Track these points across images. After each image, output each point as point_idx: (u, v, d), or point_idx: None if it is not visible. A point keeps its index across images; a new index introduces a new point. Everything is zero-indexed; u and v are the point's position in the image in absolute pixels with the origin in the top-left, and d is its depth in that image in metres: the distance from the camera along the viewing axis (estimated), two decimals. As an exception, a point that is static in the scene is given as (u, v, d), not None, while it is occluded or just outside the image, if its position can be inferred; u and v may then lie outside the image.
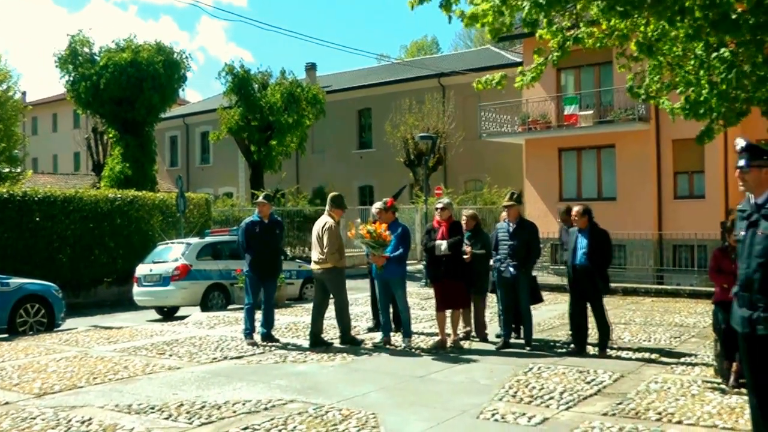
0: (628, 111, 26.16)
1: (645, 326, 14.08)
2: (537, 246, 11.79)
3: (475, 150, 36.70)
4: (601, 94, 27.85)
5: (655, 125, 26.04)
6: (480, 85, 10.75)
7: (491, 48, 43.75)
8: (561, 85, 28.97)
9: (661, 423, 7.46)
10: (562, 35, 10.34)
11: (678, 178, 26.54)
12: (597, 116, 27.36)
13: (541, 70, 10.71)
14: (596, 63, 26.35)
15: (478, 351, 11.58)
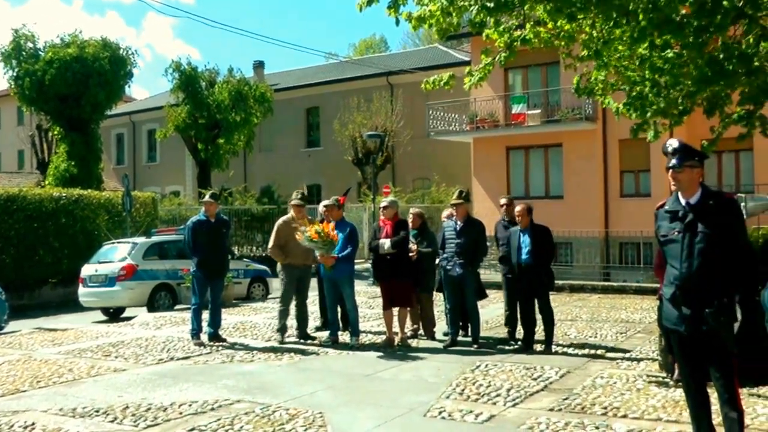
0: (576, 111, 26.44)
1: (591, 322, 14.24)
2: (484, 244, 11.85)
3: (423, 148, 36.79)
4: (548, 93, 28.11)
5: (602, 125, 26.34)
6: (428, 86, 10.78)
7: (439, 47, 43.88)
8: (509, 85, 29.20)
9: (606, 417, 7.55)
10: (509, 35, 10.41)
11: (624, 177, 26.88)
12: (544, 115, 27.62)
13: (488, 71, 10.76)
14: (544, 63, 26.59)
15: (425, 349, 11.62)
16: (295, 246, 12.18)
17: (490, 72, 10.82)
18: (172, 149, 46.85)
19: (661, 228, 5.79)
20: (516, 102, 27.99)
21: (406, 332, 12.17)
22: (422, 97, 30.12)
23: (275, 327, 12.78)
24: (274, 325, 12.94)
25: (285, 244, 12.40)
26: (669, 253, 5.70)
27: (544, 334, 11.30)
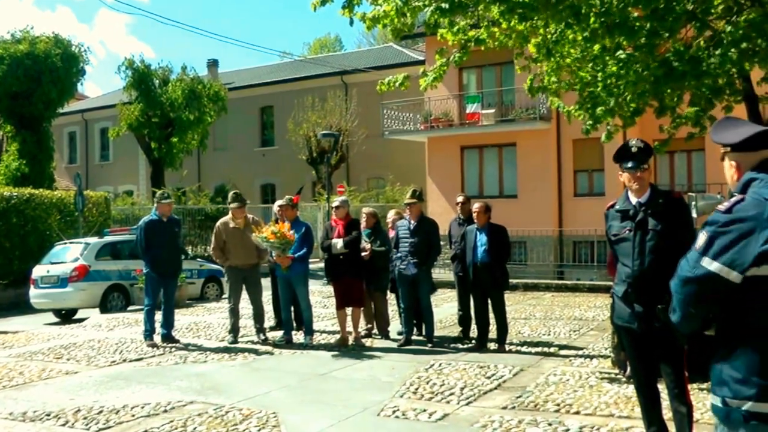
0: (530, 110, 26.62)
1: (545, 320, 14.36)
2: (437, 243, 11.90)
3: (377, 148, 36.80)
4: (502, 93, 28.25)
5: (556, 125, 26.51)
6: (383, 87, 10.83)
7: (394, 46, 43.91)
8: (463, 84, 29.29)
9: (559, 414, 7.62)
10: (463, 36, 10.47)
11: (578, 176, 27.11)
12: (499, 115, 27.76)
13: (443, 71, 10.82)
14: (498, 62, 26.68)
15: (379, 348, 11.64)
16: (236, 247, 12.17)
17: (445, 72, 10.89)
18: (125, 148, 46.34)
19: (612, 227, 5.86)
20: (470, 101, 28.10)
21: (360, 331, 12.19)
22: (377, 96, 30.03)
23: (228, 328, 12.70)
24: (227, 325, 12.87)
25: (225, 246, 12.34)
26: (620, 251, 5.78)
27: (497, 332, 11.38)
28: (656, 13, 8.52)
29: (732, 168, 3.56)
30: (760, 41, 8.42)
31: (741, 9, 9.12)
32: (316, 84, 41.34)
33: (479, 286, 11.29)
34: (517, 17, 9.31)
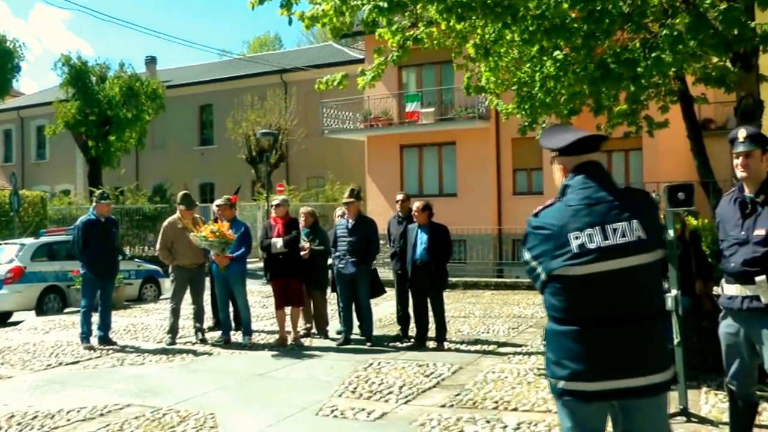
0: (469, 109, 26.74)
1: (484, 318, 14.46)
2: (376, 242, 11.91)
3: (317, 146, 36.72)
4: (442, 92, 28.36)
5: (495, 124, 26.67)
6: (322, 86, 10.79)
7: (333, 45, 43.83)
8: (403, 83, 29.35)
9: (497, 411, 7.69)
10: (401, 35, 10.48)
11: (517, 175, 27.30)
12: (438, 114, 27.86)
13: (381, 70, 10.82)
14: (438, 61, 26.74)
15: (318, 348, 11.63)
16: (183, 247, 12.04)
17: (383, 71, 10.89)
18: (61, 146, 45.57)
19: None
20: (410, 100, 28.16)
21: (299, 331, 12.18)
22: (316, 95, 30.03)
23: (166, 328, 12.57)
24: (166, 326, 12.74)
25: (172, 246, 12.23)
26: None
27: (436, 331, 11.43)
28: (592, 15, 8.62)
29: (558, 171, 3.96)
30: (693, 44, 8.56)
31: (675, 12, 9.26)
32: (256, 82, 41.09)
33: (418, 285, 11.34)
34: (455, 17, 9.34)
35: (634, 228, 3.65)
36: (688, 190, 7.29)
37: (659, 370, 3.65)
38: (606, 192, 3.74)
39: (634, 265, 3.63)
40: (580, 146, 3.87)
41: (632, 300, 3.66)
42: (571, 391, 3.67)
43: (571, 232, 3.67)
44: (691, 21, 8.34)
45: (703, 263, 9.58)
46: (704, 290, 9.37)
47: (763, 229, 5.19)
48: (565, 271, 3.66)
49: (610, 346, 3.62)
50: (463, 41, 11.09)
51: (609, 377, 3.61)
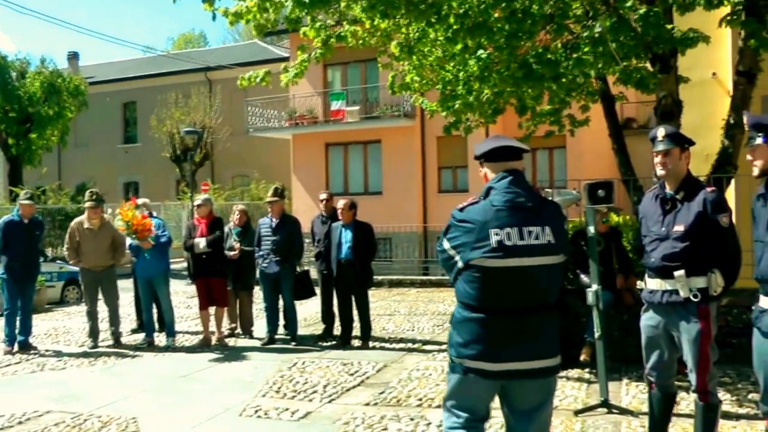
0: (394, 108, 26.75)
1: (409, 316, 14.50)
2: (300, 241, 11.88)
3: (242, 145, 36.48)
4: (367, 90, 28.32)
5: (421, 122, 26.72)
6: (244, 82, 10.69)
7: (258, 43, 43.54)
8: (328, 81, 29.25)
9: (421, 408, 7.73)
10: (325, 33, 10.44)
11: (442, 173, 27.39)
12: (363, 112, 27.82)
13: (304, 67, 10.76)
14: (363, 60, 26.69)
15: (243, 348, 11.53)
16: (89, 248, 11.74)
17: (306, 69, 10.83)
18: (-21, 145, 44.48)
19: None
20: (335, 98, 28.08)
21: (224, 331, 12.06)
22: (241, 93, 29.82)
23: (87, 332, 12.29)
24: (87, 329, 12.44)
25: (79, 247, 11.88)
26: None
27: (361, 329, 11.44)
28: (515, 15, 8.67)
29: (485, 175, 4.53)
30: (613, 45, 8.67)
31: (596, 14, 9.38)
32: (180, 80, 40.65)
33: (343, 284, 11.34)
34: (378, 15, 9.33)
35: (546, 233, 4.19)
36: (607, 187, 7.42)
37: (547, 356, 4.23)
38: (525, 198, 4.25)
39: (541, 264, 4.17)
40: (502, 154, 4.42)
41: (534, 295, 4.22)
42: (475, 369, 4.22)
43: (492, 228, 4.17)
44: (612, 23, 8.45)
45: (624, 258, 9.76)
46: (625, 285, 9.53)
47: (682, 225, 5.33)
48: (481, 263, 4.17)
49: (510, 333, 4.17)
50: (388, 40, 11.09)
51: (507, 360, 4.17)
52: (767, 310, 4.63)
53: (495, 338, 4.18)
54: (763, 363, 4.68)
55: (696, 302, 5.27)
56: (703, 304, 5.27)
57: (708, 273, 5.26)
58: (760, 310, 4.69)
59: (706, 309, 5.28)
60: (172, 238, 12.19)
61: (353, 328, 11.56)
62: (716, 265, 5.26)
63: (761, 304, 4.69)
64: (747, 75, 10.16)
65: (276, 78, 10.86)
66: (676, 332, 5.41)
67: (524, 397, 4.31)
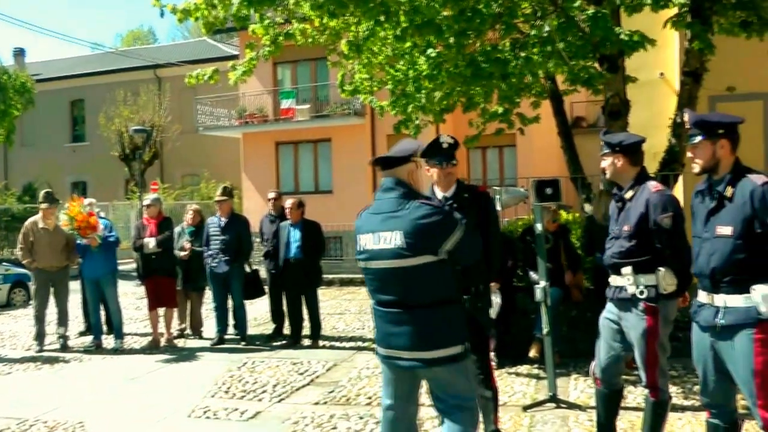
0: (344, 106, 26.67)
1: (360, 315, 14.50)
2: (248, 240, 11.83)
3: (192, 144, 36.18)
4: (317, 88, 28.22)
5: (371, 120, 26.66)
6: (192, 80, 10.60)
7: (208, 40, 43.14)
8: (278, 80, 29.09)
9: (371, 407, 7.74)
10: (274, 30, 10.38)
11: (393, 172, 27.38)
12: (314, 110, 27.71)
13: (253, 65, 10.70)
14: (313, 58, 26.55)
15: (193, 349, 11.44)
16: (44, 249, 11.58)
17: (255, 67, 10.77)
18: None
19: None
20: (285, 97, 27.92)
21: (173, 332, 11.95)
22: (191, 91, 29.60)
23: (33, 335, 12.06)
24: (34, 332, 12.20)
25: (33, 247, 11.71)
26: None
27: (311, 328, 11.42)
28: (463, 13, 8.70)
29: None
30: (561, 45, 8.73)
31: (545, 14, 9.44)
32: (129, 77, 40.16)
33: (292, 283, 11.31)
34: (327, 14, 9.31)
35: (396, 238, 4.49)
36: (554, 185, 7.49)
37: (427, 348, 4.52)
38: (386, 205, 4.61)
39: (396, 267, 4.52)
40: (379, 163, 4.79)
41: (402, 292, 4.57)
42: (379, 354, 4.77)
43: (360, 233, 4.70)
44: (560, 23, 8.52)
45: (573, 255, 9.86)
46: (573, 281, 9.61)
47: (628, 225, 5.44)
48: (360, 264, 4.74)
49: (388, 324, 4.64)
50: (337, 38, 11.07)
51: (387, 347, 4.65)
52: (705, 305, 4.72)
53: (382, 326, 4.70)
54: (702, 356, 4.79)
55: (642, 299, 5.35)
56: (651, 302, 5.35)
57: (656, 271, 5.35)
58: (698, 304, 4.80)
59: (653, 307, 5.35)
60: (120, 238, 12.02)
61: (303, 327, 11.53)
62: (665, 263, 5.35)
63: (699, 299, 4.79)
64: (693, 75, 10.34)
65: (226, 76, 10.78)
66: (626, 328, 5.50)
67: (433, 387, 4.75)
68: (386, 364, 4.75)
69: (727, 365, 4.63)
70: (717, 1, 9.52)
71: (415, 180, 4.77)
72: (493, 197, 7.47)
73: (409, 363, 4.59)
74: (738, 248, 4.51)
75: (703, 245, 4.70)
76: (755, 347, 4.44)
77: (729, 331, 4.55)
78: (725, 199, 4.62)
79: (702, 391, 4.89)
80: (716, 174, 4.71)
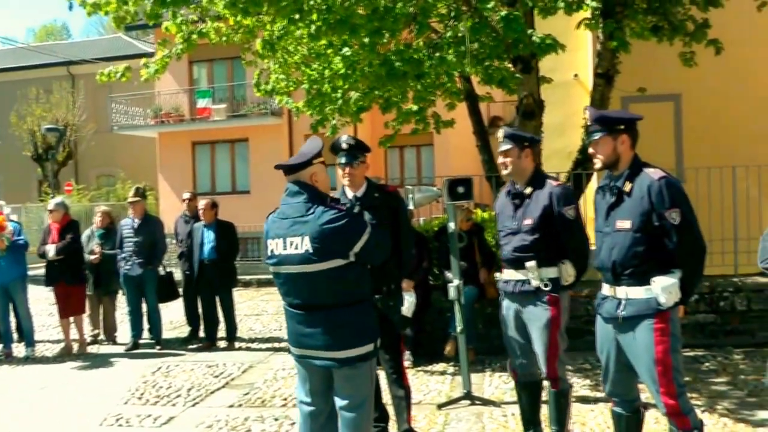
0: (261, 105, 26.48)
1: (277, 315, 14.41)
2: (162, 242, 11.65)
3: (107, 143, 35.51)
4: (234, 88, 27.99)
5: (288, 120, 26.54)
6: (104, 77, 10.38)
7: (123, 37, 42.34)
8: (194, 78, 28.76)
9: (286, 408, 7.72)
10: (187, 28, 10.24)
11: (310, 171, 27.30)
12: (230, 110, 27.48)
13: (166, 63, 10.53)
14: (229, 57, 26.29)
15: (106, 355, 11.19)
16: None
17: (168, 65, 10.60)
18: None
19: None
20: (201, 96, 27.62)
21: (86, 338, 11.68)
22: (106, 89, 29.02)
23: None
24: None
25: None
26: None
27: (226, 330, 11.33)
28: (377, 12, 8.70)
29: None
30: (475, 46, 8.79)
31: (459, 14, 9.50)
32: (41, 74, 39.16)
33: (207, 284, 11.20)
34: (240, 12, 9.21)
35: (304, 243, 4.55)
36: (466, 183, 7.55)
37: (340, 348, 4.62)
38: (293, 210, 4.67)
39: (305, 271, 4.59)
40: (282, 169, 4.88)
41: (313, 295, 4.65)
42: (292, 353, 4.89)
43: (269, 238, 4.76)
44: (473, 24, 8.57)
45: (488, 253, 9.95)
46: (488, 278, 9.69)
47: (531, 218, 5.56)
48: (271, 268, 4.78)
49: (301, 324, 4.72)
50: (252, 37, 10.98)
51: (298, 346, 4.77)
52: (608, 297, 4.90)
53: (294, 327, 4.79)
54: (606, 347, 4.96)
55: (547, 291, 5.49)
56: (553, 293, 5.50)
57: (558, 263, 5.51)
58: (601, 297, 4.97)
59: (557, 297, 5.52)
60: (29, 242, 11.67)
61: (219, 329, 11.41)
62: (566, 255, 5.51)
63: (603, 292, 4.96)
64: (605, 77, 10.55)
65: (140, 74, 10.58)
66: (528, 321, 5.61)
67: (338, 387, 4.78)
68: (300, 363, 4.82)
69: (629, 355, 4.79)
70: (628, 6, 9.73)
71: (319, 182, 4.83)
72: (406, 196, 7.52)
73: (323, 362, 4.67)
74: (637, 241, 4.68)
75: (605, 239, 4.87)
76: (655, 336, 4.63)
77: (630, 322, 4.73)
78: (624, 194, 4.78)
79: (604, 380, 5.06)
80: (616, 170, 4.86)
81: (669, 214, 4.58)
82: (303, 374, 4.86)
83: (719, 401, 7.36)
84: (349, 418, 4.72)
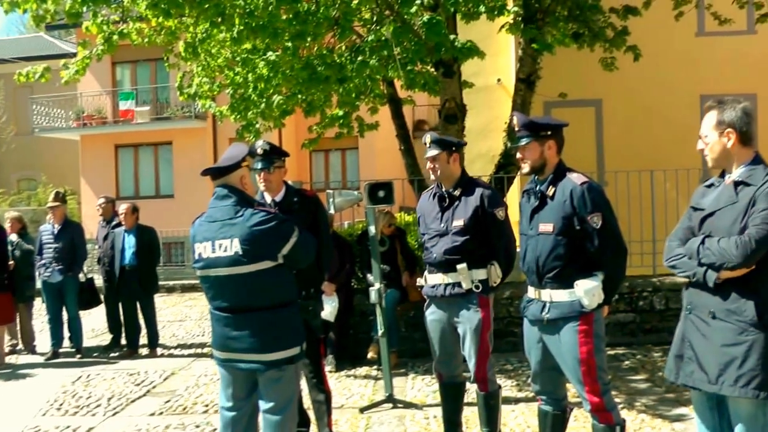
0: (185, 109, 26.19)
1: (200, 321, 14.30)
2: (83, 247, 11.43)
3: (28, 146, 34.78)
4: (158, 90, 27.62)
5: (212, 123, 26.27)
6: (22, 78, 10.15)
7: (45, 36, 41.47)
8: (117, 80, 28.30)
9: (207, 415, 7.65)
10: (109, 29, 10.09)
11: (231, 174, 27.07)
12: (154, 113, 27.13)
13: (86, 64, 10.36)
14: (153, 58, 25.85)
15: (25, 365, 10.91)
16: None
17: (88, 66, 10.44)
18: None
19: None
20: (124, 98, 27.17)
21: (4, 349, 11.36)
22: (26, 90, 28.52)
23: None
24: None
25: None
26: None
27: (148, 337, 11.18)
28: (299, 16, 8.68)
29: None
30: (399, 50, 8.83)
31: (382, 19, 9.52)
32: (-42, 74, 38.26)
33: (128, 290, 11.04)
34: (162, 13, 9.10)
35: (233, 245, 4.57)
36: (387, 187, 7.59)
37: (267, 351, 4.62)
38: (221, 213, 4.69)
39: (234, 273, 4.60)
40: (210, 173, 4.86)
41: (241, 297, 4.65)
42: (216, 357, 4.85)
43: (196, 242, 4.76)
44: (396, 28, 8.60)
45: (410, 256, 10.00)
46: (410, 281, 9.72)
47: (461, 219, 5.61)
48: (198, 272, 4.78)
49: (228, 327, 4.68)
50: (174, 39, 10.89)
51: (223, 350, 4.73)
52: (533, 300, 4.98)
53: (217, 331, 4.78)
54: (532, 348, 5.04)
55: (477, 293, 5.55)
56: (484, 295, 5.57)
57: (488, 265, 5.58)
58: (527, 299, 5.06)
59: (486, 299, 5.59)
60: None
61: (141, 336, 11.25)
62: (494, 257, 5.59)
63: (528, 294, 5.05)
64: (527, 81, 10.72)
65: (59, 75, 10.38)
66: (458, 323, 5.65)
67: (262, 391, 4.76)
68: (224, 367, 4.80)
69: (555, 356, 4.89)
70: (550, 13, 9.88)
71: (246, 185, 4.83)
72: (327, 201, 7.52)
73: (249, 365, 4.66)
74: (559, 244, 4.77)
75: (529, 242, 4.95)
76: (579, 338, 4.73)
77: (555, 325, 4.82)
78: (547, 197, 4.86)
79: (533, 379, 5.16)
80: (542, 174, 4.94)
81: (591, 218, 4.68)
82: (226, 379, 4.83)
83: (638, 398, 7.54)
84: (274, 421, 4.72)
